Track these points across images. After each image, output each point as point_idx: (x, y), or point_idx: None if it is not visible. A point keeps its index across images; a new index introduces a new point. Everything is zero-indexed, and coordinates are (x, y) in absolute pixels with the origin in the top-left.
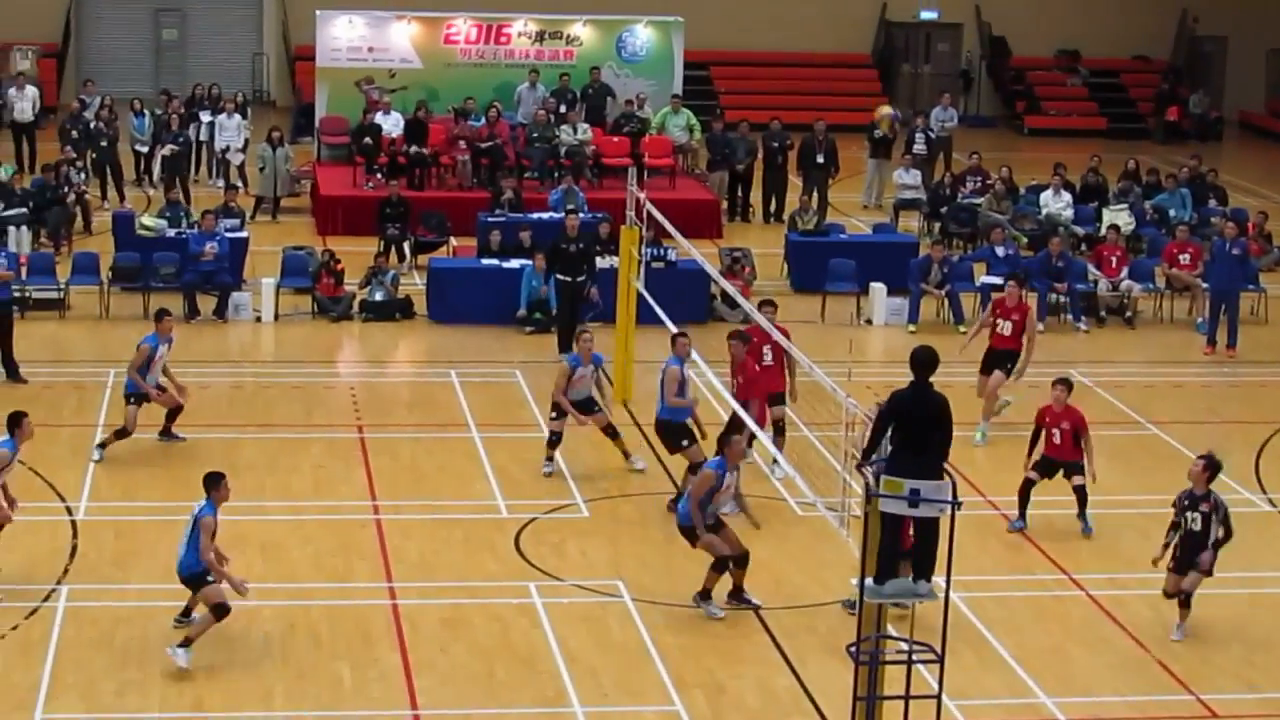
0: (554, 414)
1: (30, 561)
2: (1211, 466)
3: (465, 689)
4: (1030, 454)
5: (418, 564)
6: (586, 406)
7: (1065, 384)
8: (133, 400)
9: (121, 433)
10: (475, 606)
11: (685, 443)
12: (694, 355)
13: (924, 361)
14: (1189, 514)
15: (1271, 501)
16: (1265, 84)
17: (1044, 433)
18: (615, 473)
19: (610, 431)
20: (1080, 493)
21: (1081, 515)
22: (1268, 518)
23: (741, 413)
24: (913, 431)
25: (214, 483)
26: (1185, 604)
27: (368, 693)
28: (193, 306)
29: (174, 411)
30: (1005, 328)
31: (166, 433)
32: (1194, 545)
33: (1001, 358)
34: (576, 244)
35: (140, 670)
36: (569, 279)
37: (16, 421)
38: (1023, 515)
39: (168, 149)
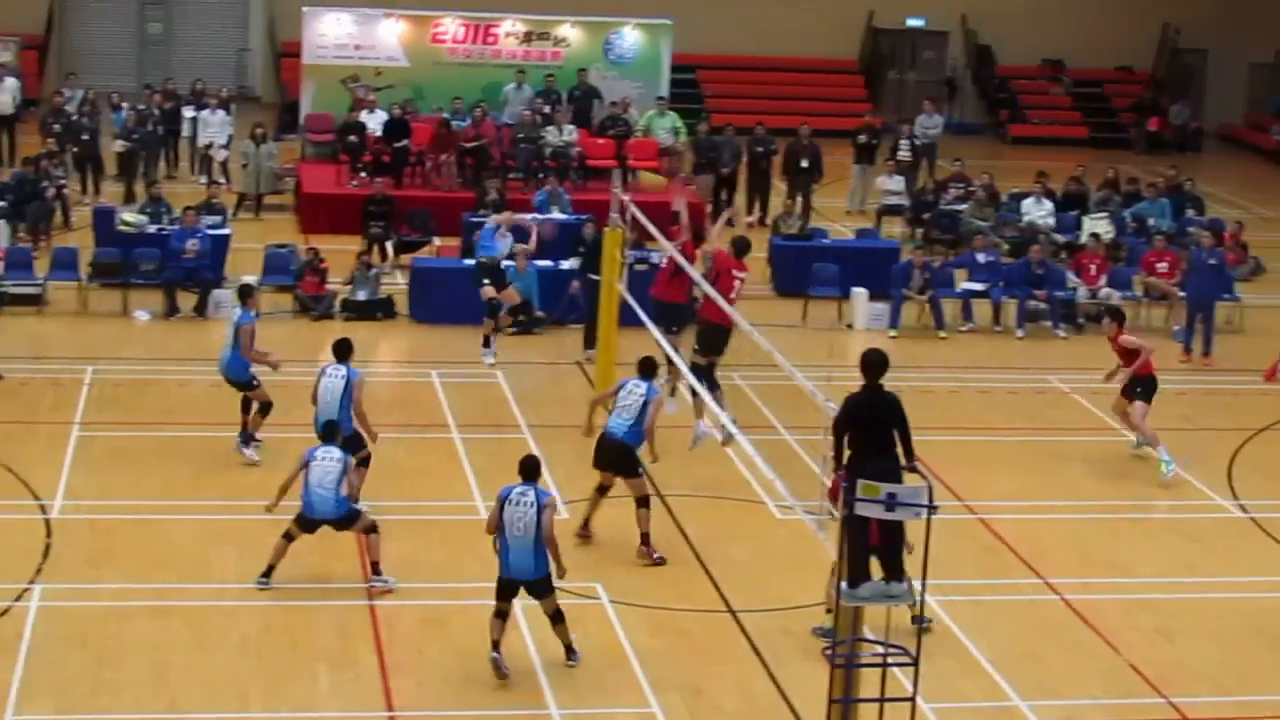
0: None
1: (2, 560)
2: None
3: (442, 690)
4: None
5: (396, 564)
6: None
7: None
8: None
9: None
10: (453, 608)
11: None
12: None
13: (874, 363)
14: None
15: (1243, 507)
16: (1245, 96)
17: None
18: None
19: None
20: None
21: None
22: (1240, 524)
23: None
24: (871, 433)
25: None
26: None
27: (344, 693)
28: (173, 303)
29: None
30: (1118, 360)
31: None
32: None
33: (1132, 383)
34: None
35: (115, 671)
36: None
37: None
38: None
39: (119, 144)
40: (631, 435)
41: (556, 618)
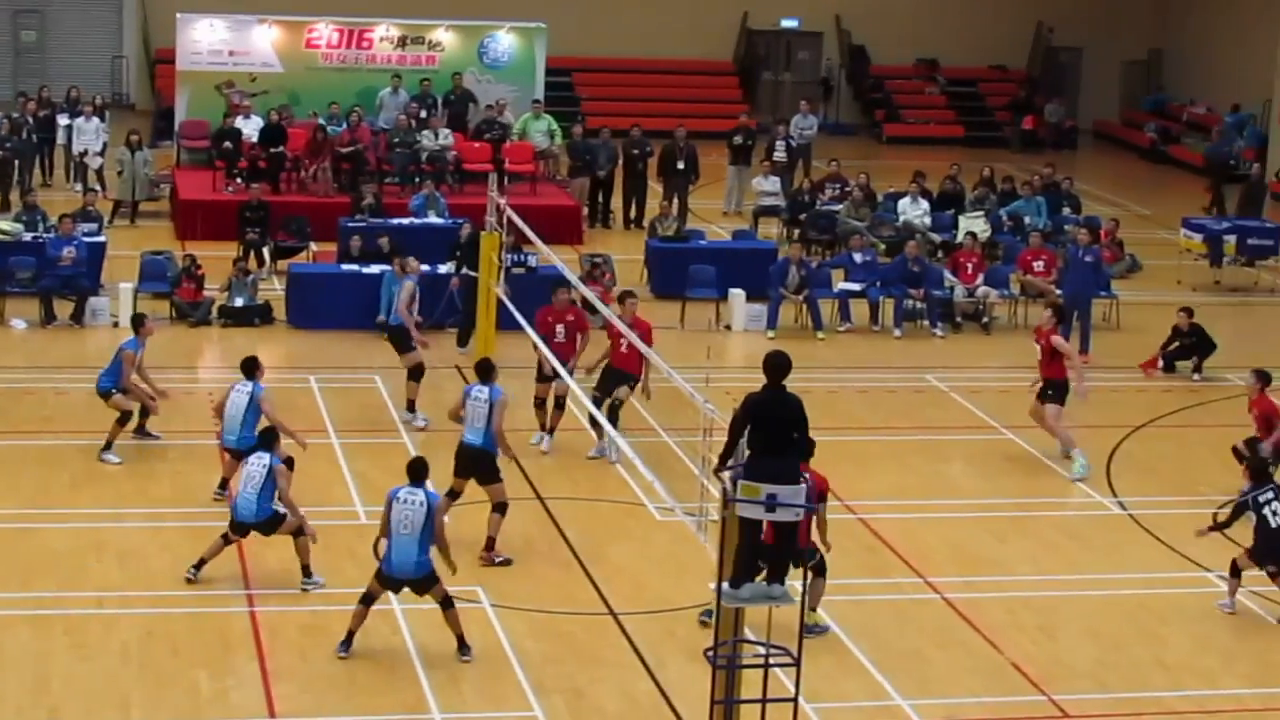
0: None
1: None
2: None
3: (324, 696)
4: None
5: (277, 571)
6: None
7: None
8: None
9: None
10: (334, 613)
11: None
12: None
13: (778, 366)
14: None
15: (1122, 504)
16: (1119, 94)
17: None
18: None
19: None
20: None
21: None
22: (1119, 520)
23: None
24: (770, 434)
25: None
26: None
27: (226, 700)
28: (50, 311)
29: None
30: (1038, 353)
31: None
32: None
33: (1044, 386)
34: None
35: None
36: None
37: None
38: None
39: None
40: (486, 441)
41: (446, 604)
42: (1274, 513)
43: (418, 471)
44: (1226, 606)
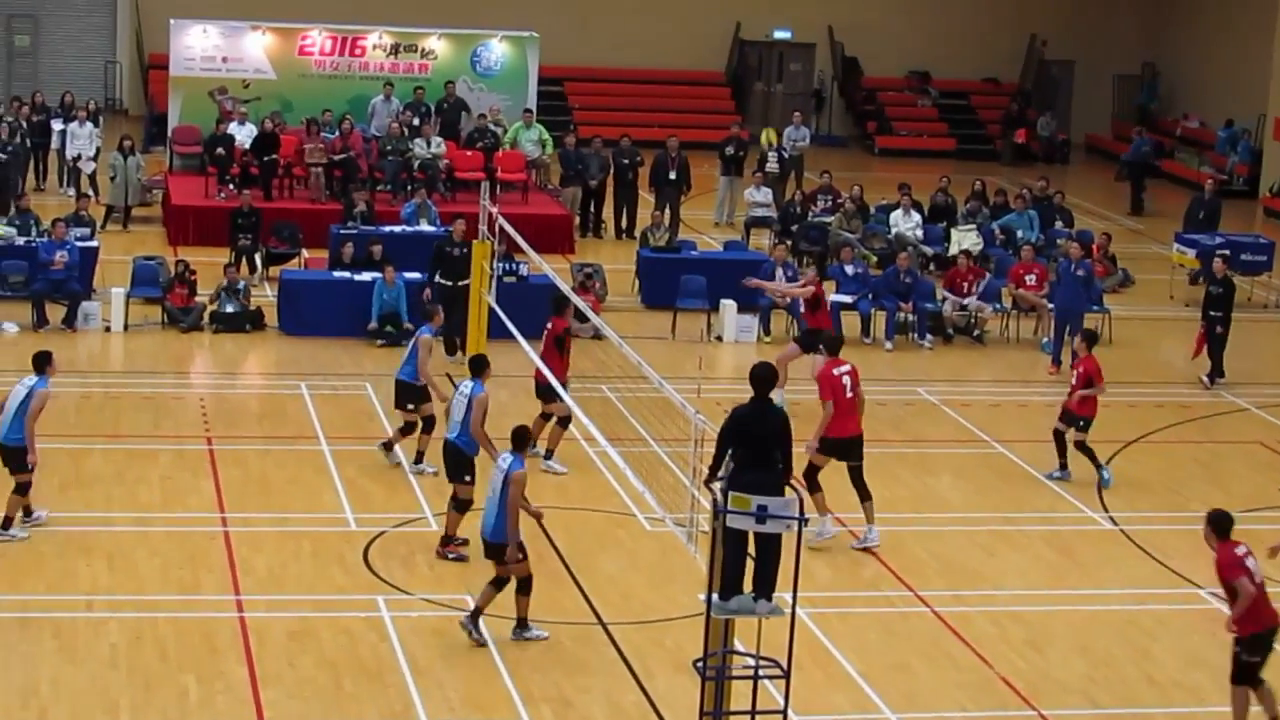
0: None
1: None
2: None
3: (312, 702)
4: None
5: (265, 576)
6: None
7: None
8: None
9: None
10: (323, 619)
11: None
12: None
13: (763, 378)
14: None
15: (1113, 519)
16: (1111, 108)
17: None
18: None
19: None
20: None
21: None
22: (1109, 535)
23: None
24: (754, 447)
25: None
26: None
27: (214, 705)
28: (41, 315)
29: None
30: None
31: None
32: None
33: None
34: (462, 248)
35: None
36: (451, 283)
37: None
38: None
39: None
40: (459, 437)
41: (520, 587)
42: None
43: (516, 439)
44: None
